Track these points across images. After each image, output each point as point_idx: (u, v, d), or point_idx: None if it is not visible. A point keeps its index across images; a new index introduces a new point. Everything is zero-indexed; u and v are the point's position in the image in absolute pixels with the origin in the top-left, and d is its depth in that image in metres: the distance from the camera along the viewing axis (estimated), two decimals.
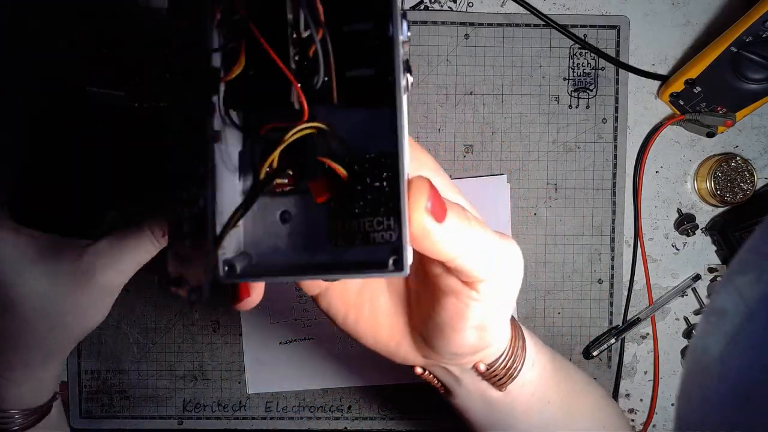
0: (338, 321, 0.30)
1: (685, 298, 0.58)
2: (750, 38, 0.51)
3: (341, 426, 0.58)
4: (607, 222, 0.57)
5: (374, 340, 0.31)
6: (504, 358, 0.32)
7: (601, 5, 0.56)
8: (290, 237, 0.24)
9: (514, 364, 0.33)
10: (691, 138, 0.57)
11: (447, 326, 0.28)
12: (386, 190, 0.21)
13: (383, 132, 0.22)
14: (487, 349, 0.31)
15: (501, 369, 0.32)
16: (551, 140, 0.56)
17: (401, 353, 0.31)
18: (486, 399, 0.35)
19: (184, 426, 0.57)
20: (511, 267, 0.27)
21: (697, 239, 0.57)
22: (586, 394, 0.41)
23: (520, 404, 0.35)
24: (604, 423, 0.41)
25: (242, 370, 0.57)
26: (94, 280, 0.31)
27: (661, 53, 0.57)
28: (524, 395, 0.35)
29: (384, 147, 0.22)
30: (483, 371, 0.32)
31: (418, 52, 0.55)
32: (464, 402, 0.36)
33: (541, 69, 0.56)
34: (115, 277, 0.32)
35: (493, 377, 0.33)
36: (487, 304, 0.27)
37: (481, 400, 0.35)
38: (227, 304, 0.56)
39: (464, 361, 0.32)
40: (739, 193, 0.55)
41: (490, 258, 0.25)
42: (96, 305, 0.32)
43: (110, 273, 0.32)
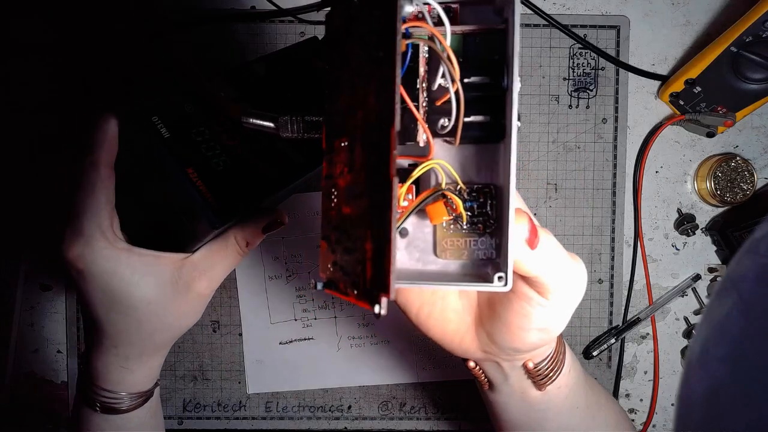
0: (411, 315, 0.35)
1: (685, 298, 0.58)
2: (750, 38, 0.51)
3: (341, 426, 0.58)
4: (607, 222, 0.57)
5: (442, 333, 0.35)
6: (550, 359, 0.36)
7: (601, 5, 0.56)
8: (407, 249, 0.28)
9: (556, 366, 0.37)
10: (691, 138, 0.57)
11: (515, 325, 0.32)
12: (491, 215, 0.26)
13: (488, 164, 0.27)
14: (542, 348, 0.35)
15: (545, 369, 0.37)
16: (551, 140, 0.56)
17: (463, 347, 0.35)
18: (526, 397, 0.38)
19: (184, 426, 0.57)
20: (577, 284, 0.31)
21: (697, 239, 0.57)
22: (607, 407, 0.44)
23: (554, 405, 0.39)
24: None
25: (242, 370, 0.57)
26: (192, 288, 0.37)
27: (661, 53, 0.57)
28: (559, 398, 0.39)
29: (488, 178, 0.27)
30: (531, 368, 0.36)
31: None
32: (505, 399, 0.39)
33: (541, 69, 0.56)
34: (208, 285, 0.38)
35: (537, 375, 0.37)
36: (552, 311, 0.31)
37: (521, 397, 0.39)
38: (227, 304, 0.56)
39: (520, 357, 0.35)
40: (739, 193, 0.55)
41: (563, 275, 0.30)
42: (193, 309, 0.38)
43: (204, 282, 0.37)
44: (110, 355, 0.38)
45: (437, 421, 0.58)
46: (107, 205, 0.35)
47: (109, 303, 0.36)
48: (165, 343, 0.40)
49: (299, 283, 0.57)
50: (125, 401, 0.39)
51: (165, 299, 0.36)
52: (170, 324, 0.38)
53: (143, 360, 0.39)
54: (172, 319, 0.38)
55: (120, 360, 0.38)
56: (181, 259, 0.37)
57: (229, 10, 0.55)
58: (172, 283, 0.36)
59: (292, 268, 0.57)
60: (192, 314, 0.39)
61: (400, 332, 0.57)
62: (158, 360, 0.41)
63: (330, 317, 0.57)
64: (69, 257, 0.35)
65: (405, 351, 0.57)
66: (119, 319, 0.36)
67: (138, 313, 0.36)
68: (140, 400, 0.40)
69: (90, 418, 0.40)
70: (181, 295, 0.37)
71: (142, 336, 0.38)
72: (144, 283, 0.36)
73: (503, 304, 0.32)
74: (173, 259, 0.37)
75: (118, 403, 0.39)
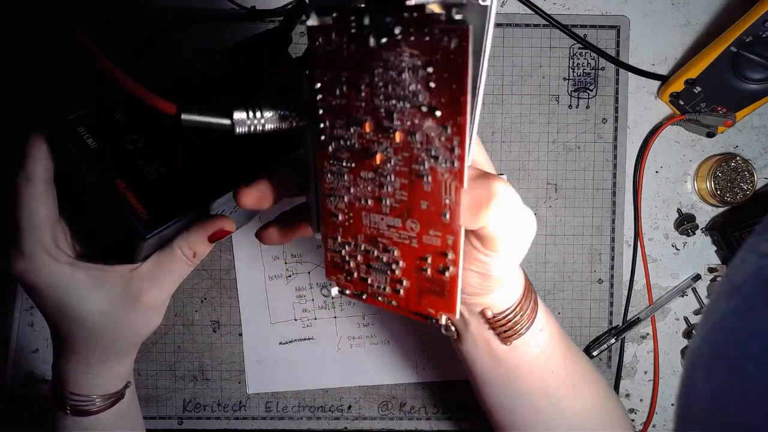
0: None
1: (685, 298, 0.58)
2: (750, 38, 0.51)
3: (341, 426, 0.58)
4: (607, 222, 0.57)
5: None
6: (510, 311, 0.36)
7: (601, 5, 0.56)
8: None
9: (520, 321, 0.37)
10: (691, 138, 0.57)
11: None
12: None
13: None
14: (488, 295, 0.34)
15: (506, 321, 0.36)
16: (551, 140, 0.56)
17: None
18: (492, 350, 0.38)
19: (184, 426, 0.57)
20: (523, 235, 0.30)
21: (697, 239, 0.57)
22: (592, 381, 0.43)
23: (524, 363, 0.39)
24: (606, 410, 0.43)
25: (242, 370, 0.57)
26: (141, 299, 0.37)
27: (661, 53, 0.57)
28: (529, 356, 0.38)
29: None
30: (489, 317, 0.36)
31: None
32: (471, 349, 0.39)
33: (541, 69, 0.56)
34: (158, 295, 0.37)
35: (498, 326, 0.37)
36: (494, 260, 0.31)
37: (487, 350, 0.39)
38: (227, 304, 0.56)
39: (472, 303, 0.35)
40: (739, 193, 0.55)
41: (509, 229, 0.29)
42: (147, 318, 0.38)
43: (153, 292, 0.37)
44: (73, 361, 0.38)
45: (437, 421, 0.58)
46: (47, 220, 0.35)
47: (60, 315, 0.36)
48: (126, 350, 0.40)
49: (299, 283, 0.57)
50: (95, 403, 0.40)
51: (116, 311, 0.36)
52: (126, 334, 0.38)
53: (108, 365, 0.39)
54: (127, 329, 0.38)
55: (82, 366, 0.39)
56: (128, 270, 0.37)
57: (229, 10, 0.55)
58: (121, 296, 0.36)
59: (292, 268, 0.57)
60: (147, 323, 0.39)
61: (400, 332, 0.57)
62: (124, 364, 0.41)
63: (330, 317, 0.57)
64: (15, 272, 0.35)
65: (405, 351, 0.57)
66: (74, 330, 0.37)
67: (92, 324, 0.36)
68: (110, 401, 0.41)
69: (62, 421, 0.40)
70: (131, 307, 0.37)
71: (101, 345, 0.38)
72: (92, 296, 0.36)
73: None
74: (120, 272, 0.36)
75: (88, 406, 0.40)
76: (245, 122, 0.27)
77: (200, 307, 0.57)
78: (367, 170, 0.26)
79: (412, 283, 0.25)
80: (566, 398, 0.41)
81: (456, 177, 0.23)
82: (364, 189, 0.26)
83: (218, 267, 0.56)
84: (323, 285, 0.27)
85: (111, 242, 0.37)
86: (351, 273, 0.28)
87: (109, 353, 0.39)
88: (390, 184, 0.25)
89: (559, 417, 0.42)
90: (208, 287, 0.57)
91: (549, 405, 0.41)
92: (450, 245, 0.24)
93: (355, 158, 0.26)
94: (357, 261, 0.27)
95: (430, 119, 0.23)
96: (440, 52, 0.22)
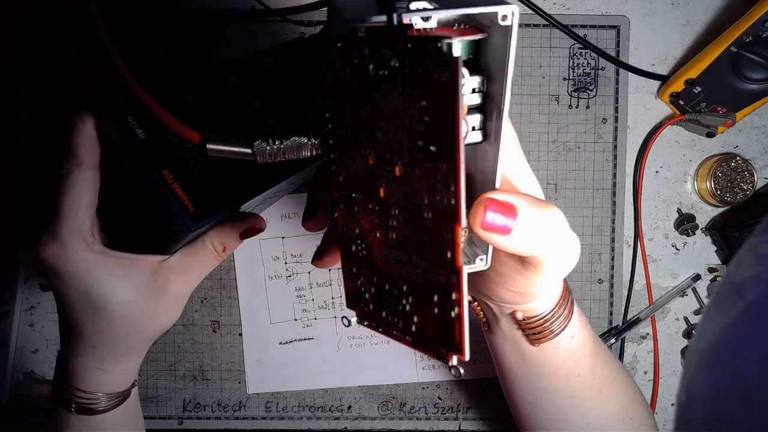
0: None
1: (685, 298, 0.58)
2: (750, 38, 0.51)
3: (341, 426, 0.58)
4: (607, 222, 0.57)
5: None
6: (543, 316, 0.36)
7: (601, 5, 0.56)
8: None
9: (551, 326, 0.36)
10: (691, 138, 0.57)
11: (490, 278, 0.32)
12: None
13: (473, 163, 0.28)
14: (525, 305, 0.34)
15: (537, 325, 0.36)
16: (551, 140, 0.56)
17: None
18: (519, 348, 0.38)
19: (184, 426, 0.57)
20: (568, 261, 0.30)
21: (697, 239, 0.57)
22: (621, 387, 0.43)
23: (550, 364, 0.39)
24: (632, 415, 0.43)
25: (242, 370, 0.57)
26: (168, 290, 0.37)
27: (661, 53, 0.57)
28: (556, 359, 0.38)
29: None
30: (519, 319, 0.36)
31: None
32: (500, 343, 0.40)
33: (541, 69, 0.56)
34: (184, 287, 0.38)
35: (527, 329, 0.36)
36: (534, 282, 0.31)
37: (514, 347, 0.39)
38: (227, 304, 0.56)
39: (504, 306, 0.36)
40: (739, 193, 0.55)
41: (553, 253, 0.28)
42: (168, 311, 0.39)
43: (180, 284, 0.38)
44: (86, 356, 0.38)
45: (437, 421, 0.58)
46: (90, 208, 0.35)
47: (85, 304, 0.36)
48: (141, 345, 0.40)
49: (299, 283, 0.57)
50: (102, 402, 0.39)
51: (141, 301, 0.37)
52: (146, 326, 0.38)
53: (119, 361, 0.39)
54: (148, 321, 0.38)
55: (95, 361, 0.38)
56: (158, 261, 0.37)
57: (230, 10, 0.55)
58: (148, 286, 0.37)
59: (292, 268, 0.57)
60: (168, 316, 0.39)
61: None
62: (135, 361, 0.41)
63: (330, 317, 0.57)
64: (45, 257, 0.35)
65: (405, 351, 0.57)
66: (95, 321, 0.37)
67: (114, 315, 0.36)
68: (117, 400, 0.40)
69: (65, 419, 0.40)
70: (156, 298, 0.37)
71: (118, 337, 0.38)
72: (120, 285, 0.36)
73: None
74: (150, 262, 0.37)
75: (94, 404, 0.39)
76: (265, 151, 0.27)
77: (200, 307, 0.57)
78: (373, 203, 0.25)
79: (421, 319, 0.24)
80: (591, 401, 0.41)
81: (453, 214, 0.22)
82: (372, 221, 0.25)
83: (218, 267, 0.56)
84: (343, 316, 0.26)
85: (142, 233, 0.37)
86: (367, 304, 0.27)
87: (124, 347, 0.39)
88: (394, 218, 0.24)
89: (582, 418, 0.42)
90: (208, 287, 0.57)
91: (572, 405, 0.41)
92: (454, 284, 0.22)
93: (363, 190, 0.25)
94: (371, 293, 0.27)
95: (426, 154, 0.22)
96: (432, 86, 0.21)
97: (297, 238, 0.56)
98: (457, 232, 0.22)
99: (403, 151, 0.23)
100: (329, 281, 0.57)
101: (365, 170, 0.25)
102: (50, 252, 0.35)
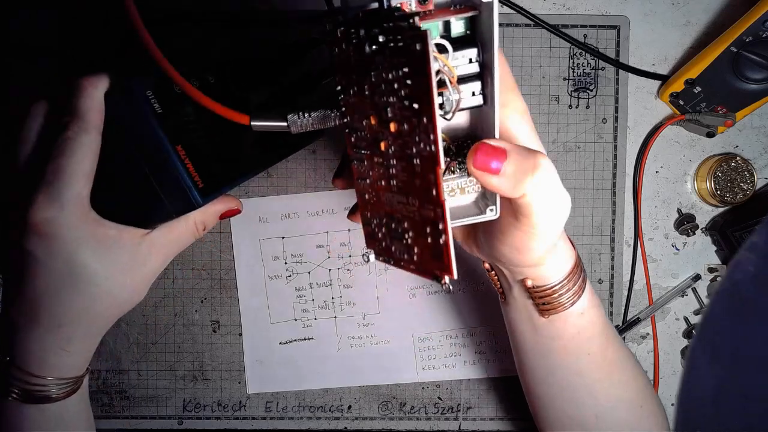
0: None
1: (685, 298, 0.58)
2: (750, 38, 0.51)
3: (341, 426, 0.58)
4: (607, 222, 0.57)
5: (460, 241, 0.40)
6: (552, 287, 0.37)
7: (601, 5, 0.56)
8: None
9: (560, 298, 0.38)
10: (691, 138, 0.57)
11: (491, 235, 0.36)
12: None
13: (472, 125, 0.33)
14: (531, 269, 0.36)
15: (545, 295, 0.38)
16: (551, 140, 0.56)
17: (474, 252, 0.40)
18: (531, 318, 0.40)
19: (184, 426, 0.57)
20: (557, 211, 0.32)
21: (697, 239, 0.57)
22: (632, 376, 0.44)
23: (560, 338, 0.40)
24: (642, 404, 0.44)
25: (242, 370, 0.57)
26: (146, 265, 0.37)
27: (661, 53, 0.57)
28: (566, 333, 0.40)
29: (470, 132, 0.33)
30: (528, 287, 0.38)
31: None
32: (514, 314, 0.42)
33: (541, 69, 0.56)
34: (161, 264, 0.38)
35: (537, 298, 0.38)
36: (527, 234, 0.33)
37: (527, 317, 0.41)
38: (227, 304, 0.56)
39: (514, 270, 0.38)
40: (739, 193, 0.55)
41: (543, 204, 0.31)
42: (143, 286, 0.38)
43: (159, 260, 0.38)
44: (50, 335, 0.36)
45: (437, 421, 0.58)
46: (91, 174, 0.35)
47: (65, 276, 0.35)
48: (108, 323, 0.39)
49: (299, 283, 0.57)
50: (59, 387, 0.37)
51: (121, 275, 0.36)
52: (120, 302, 0.37)
53: (84, 341, 0.38)
54: (124, 296, 0.37)
55: (61, 342, 0.37)
56: (141, 235, 0.37)
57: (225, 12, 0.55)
58: (130, 260, 0.36)
59: (292, 268, 0.57)
60: (141, 293, 0.38)
61: (400, 332, 0.57)
62: (96, 341, 0.39)
63: (330, 317, 0.57)
64: (38, 220, 0.33)
65: (405, 351, 0.57)
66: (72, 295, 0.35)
67: (93, 289, 0.35)
68: (74, 386, 0.39)
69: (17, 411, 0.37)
70: (135, 272, 0.37)
71: (94, 314, 0.37)
72: (105, 256, 0.35)
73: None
74: (134, 235, 0.36)
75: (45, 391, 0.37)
76: (297, 123, 0.33)
77: (200, 307, 0.57)
78: (378, 157, 0.30)
79: (420, 249, 0.29)
80: (600, 382, 0.42)
81: (434, 158, 0.26)
82: (378, 172, 0.30)
83: (218, 267, 0.56)
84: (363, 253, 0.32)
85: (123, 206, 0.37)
86: (380, 242, 0.32)
87: (95, 325, 0.37)
88: (393, 168, 0.29)
89: (591, 398, 0.42)
90: (208, 287, 0.57)
91: (582, 385, 0.42)
92: (440, 216, 0.27)
93: (370, 147, 0.30)
94: (383, 232, 0.32)
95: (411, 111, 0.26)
96: (410, 55, 0.25)
97: (297, 238, 0.56)
98: (438, 173, 0.26)
99: (395, 111, 0.27)
100: (329, 281, 0.57)
101: (369, 130, 0.29)
102: (46, 215, 0.33)
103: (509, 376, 0.57)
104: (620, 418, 0.43)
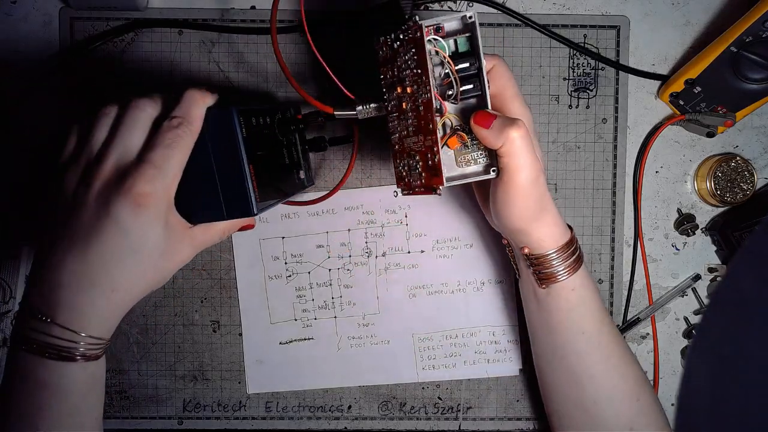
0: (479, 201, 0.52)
1: (685, 298, 0.58)
2: (750, 38, 0.51)
3: (341, 426, 0.58)
4: (607, 222, 0.57)
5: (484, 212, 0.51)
6: (545, 254, 0.45)
7: (601, 5, 0.56)
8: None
9: (553, 269, 0.45)
10: (691, 138, 0.57)
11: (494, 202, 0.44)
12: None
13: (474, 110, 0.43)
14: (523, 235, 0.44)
15: (540, 263, 0.45)
16: (551, 140, 0.56)
17: (491, 220, 0.48)
18: (534, 291, 0.47)
19: (184, 426, 0.57)
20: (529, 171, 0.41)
21: (697, 239, 0.58)
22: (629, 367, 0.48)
23: (557, 312, 0.47)
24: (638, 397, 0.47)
25: (242, 370, 0.57)
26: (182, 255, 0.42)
27: (661, 53, 0.57)
28: (561, 307, 0.46)
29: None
30: (525, 254, 0.46)
31: None
32: (523, 289, 0.50)
33: (541, 69, 0.56)
34: (189, 257, 0.43)
35: (534, 266, 0.46)
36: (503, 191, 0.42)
37: (531, 290, 0.48)
38: (227, 304, 0.56)
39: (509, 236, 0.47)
40: (739, 193, 0.55)
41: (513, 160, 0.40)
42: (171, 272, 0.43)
43: (190, 253, 0.43)
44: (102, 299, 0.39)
45: (437, 421, 0.58)
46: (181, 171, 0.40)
47: (136, 244, 0.39)
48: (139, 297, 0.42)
49: (299, 283, 0.57)
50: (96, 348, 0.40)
51: (165, 256, 0.41)
52: (153, 282, 0.42)
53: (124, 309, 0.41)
54: (157, 277, 0.42)
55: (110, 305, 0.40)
56: (188, 227, 0.42)
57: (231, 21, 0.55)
58: (174, 246, 0.41)
59: (292, 268, 0.57)
60: (167, 278, 0.42)
61: (400, 332, 0.57)
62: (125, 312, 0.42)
63: (330, 317, 0.57)
64: (144, 190, 0.38)
65: (405, 351, 0.57)
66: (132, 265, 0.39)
67: (149, 262, 0.40)
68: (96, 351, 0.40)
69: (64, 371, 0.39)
70: (173, 258, 0.42)
71: (140, 286, 0.41)
72: (167, 237, 0.40)
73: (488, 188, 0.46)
74: (185, 226, 0.42)
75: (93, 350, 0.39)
76: (362, 112, 0.46)
77: (200, 307, 0.57)
78: (402, 114, 0.43)
79: (426, 173, 0.42)
80: (598, 365, 0.47)
81: (429, 104, 0.40)
82: (402, 125, 0.43)
83: (218, 267, 0.56)
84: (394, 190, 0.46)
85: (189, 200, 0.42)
86: (405, 179, 0.45)
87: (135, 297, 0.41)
88: (411, 118, 0.42)
89: (590, 382, 0.47)
90: (208, 287, 0.57)
91: (581, 365, 0.47)
92: (434, 141, 0.40)
93: (398, 109, 0.43)
94: (405, 170, 0.44)
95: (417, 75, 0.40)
96: (414, 41, 0.40)
97: (297, 238, 0.56)
98: (431, 110, 0.40)
99: (410, 78, 0.41)
100: (329, 281, 0.57)
101: (397, 97, 0.43)
102: (149, 189, 0.38)
103: (509, 376, 0.57)
104: (617, 410, 0.46)
